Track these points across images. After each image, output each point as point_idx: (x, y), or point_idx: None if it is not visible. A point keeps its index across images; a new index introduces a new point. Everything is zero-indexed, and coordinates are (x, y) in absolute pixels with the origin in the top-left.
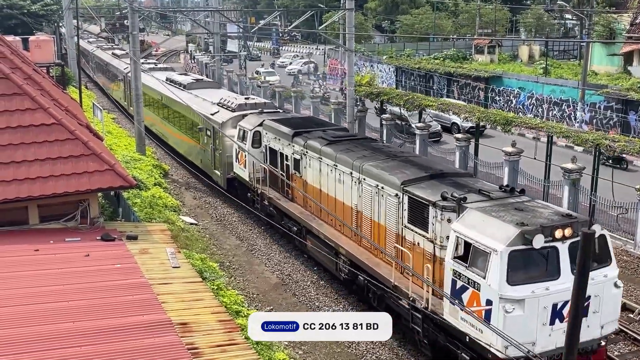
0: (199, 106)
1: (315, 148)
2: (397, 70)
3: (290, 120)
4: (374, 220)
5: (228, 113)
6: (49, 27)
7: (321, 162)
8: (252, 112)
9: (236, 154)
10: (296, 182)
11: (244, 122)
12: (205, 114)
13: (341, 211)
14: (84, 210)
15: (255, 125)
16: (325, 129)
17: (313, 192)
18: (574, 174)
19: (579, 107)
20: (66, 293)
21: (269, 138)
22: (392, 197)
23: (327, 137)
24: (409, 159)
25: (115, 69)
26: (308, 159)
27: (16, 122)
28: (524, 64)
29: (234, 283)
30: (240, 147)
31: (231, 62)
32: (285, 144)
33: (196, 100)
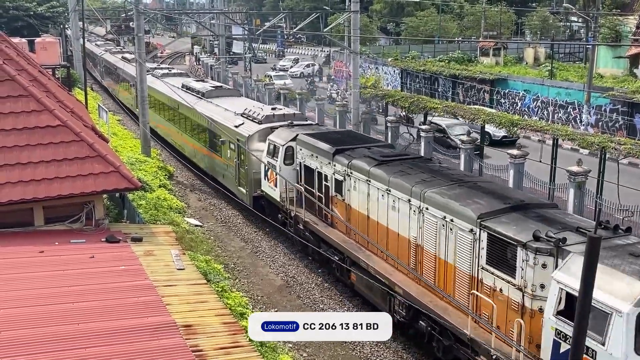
0: (220, 117)
1: (362, 169)
2: (402, 72)
3: (327, 135)
4: (440, 258)
5: (254, 125)
6: (54, 29)
7: (370, 185)
8: (281, 125)
9: (265, 170)
10: (338, 206)
11: (274, 136)
12: (229, 125)
13: (395, 243)
14: (89, 211)
15: (287, 140)
16: (369, 146)
17: (359, 218)
18: (580, 177)
19: (584, 109)
20: (71, 295)
21: (304, 155)
22: (465, 233)
23: (375, 157)
24: (478, 185)
25: (125, 74)
26: (353, 180)
27: (22, 124)
28: (530, 66)
29: (239, 285)
30: (269, 164)
31: (236, 64)
32: (325, 163)
33: (217, 110)
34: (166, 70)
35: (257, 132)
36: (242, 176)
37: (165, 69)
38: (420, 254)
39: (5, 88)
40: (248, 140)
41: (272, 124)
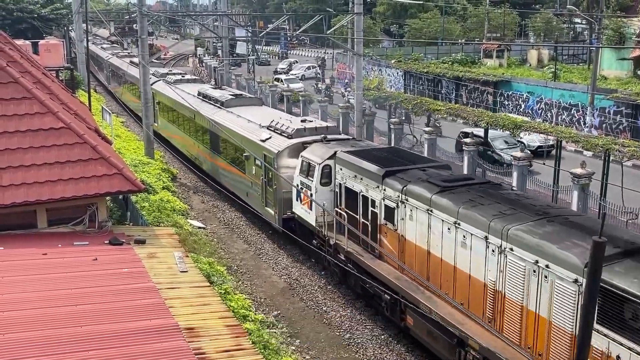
0: (244, 129)
1: (421, 196)
2: (405, 74)
3: (372, 153)
4: (529, 310)
5: (284, 140)
6: (58, 31)
7: (432, 216)
8: (314, 139)
9: (297, 190)
10: (388, 236)
11: (308, 153)
12: (254, 139)
13: (465, 286)
14: (92, 214)
15: (324, 159)
16: (423, 167)
17: (416, 253)
18: (583, 179)
19: (588, 111)
20: (74, 297)
21: (345, 175)
22: (566, 283)
23: (436, 182)
24: (571, 220)
25: (134, 79)
26: (409, 209)
27: (25, 126)
28: (533, 68)
29: (242, 287)
30: (303, 184)
31: (240, 66)
32: (372, 186)
33: (239, 121)
34: (179, 76)
35: (287, 147)
36: (270, 196)
37: (178, 75)
38: (501, 303)
39: (9, 90)
40: (277, 156)
41: (303, 139)
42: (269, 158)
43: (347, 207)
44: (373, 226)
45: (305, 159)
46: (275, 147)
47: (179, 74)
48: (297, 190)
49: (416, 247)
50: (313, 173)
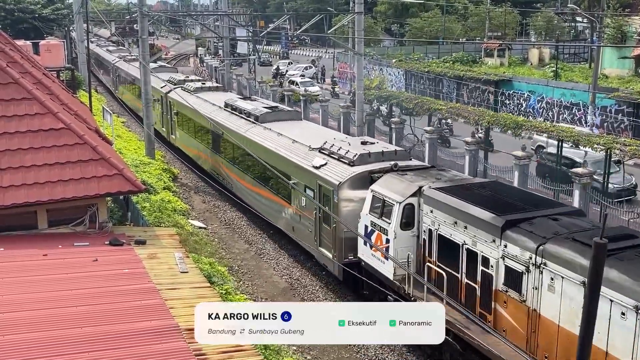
0: (288, 151)
1: (572, 263)
2: (406, 73)
3: (472, 190)
4: None
5: (344, 168)
6: (59, 31)
7: None
8: (383, 167)
9: (366, 232)
10: (510, 307)
11: (382, 187)
12: (305, 165)
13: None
14: (93, 214)
15: (406, 196)
16: (554, 215)
17: (561, 338)
18: (585, 178)
19: (589, 110)
20: (74, 298)
21: (439, 219)
22: None
23: (588, 241)
24: None
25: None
26: (548, 276)
27: (25, 127)
28: (534, 67)
29: (243, 287)
30: (375, 226)
31: (241, 65)
32: (484, 239)
33: (281, 141)
34: (199, 83)
35: (350, 178)
36: (327, 235)
37: (198, 82)
38: None
39: (9, 91)
40: (339, 189)
41: (369, 167)
42: (326, 189)
43: (442, 261)
44: (484, 291)
45: (379, 195)
46: (336, 177)
47: (199, 81)
48: (366, 230)
49: (560, 330)
50: (390, 213)
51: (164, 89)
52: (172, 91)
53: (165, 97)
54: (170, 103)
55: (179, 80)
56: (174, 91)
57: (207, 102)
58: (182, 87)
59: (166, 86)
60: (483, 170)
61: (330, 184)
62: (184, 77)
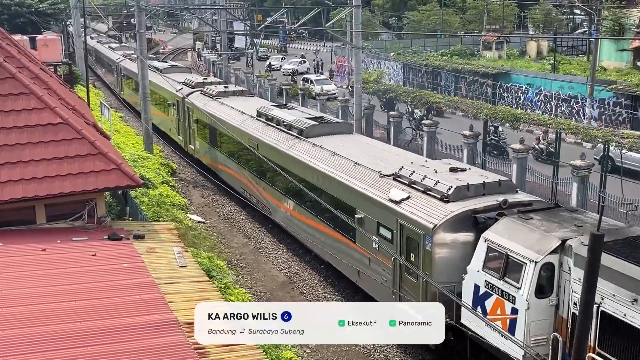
0: (352, 177)
1: None
2: (404, 67)
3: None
4: None
5: (438, 205)
6: (56, 25)
7: None
8: (490, 205)
9: (477, 293)
10: None
11: (500, 235)
12: (377, 197)
13: None
14: (91, 209)
15: (544, 253)
16: None
17: None
18: (583, 171)
19: (587, 103)
20: (73, 293)
21: (601, 291)
22: None
23: None
24: None
25: (159, 90)
26: None
27: (23, 122)
28: (532, 60)
29: (242, 281)
30: (492, 287)
31: (238, 59)
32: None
33: (340, 163)
34: (222, 87)
35: (447, 220)
36: (411, 289)
37: (219, 85)
38: None
39: (6, 86)
40: (433, 234)
41: (469, 203)
42: (413, 232)
43: (610, 349)
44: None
45: (499, 247)
46: (427, 218)
47: (220, 84)
48: (476, 292)
49: None
50: (520, 274)
51: (180, 93)
52: (190, 95)
53: (182, 102)
54: (189, 109)
55: (197, 83)
56: (192, 95)
57: (234, 109)
58: (202, 90)
59: (183, 89)
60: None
61: (419, 226)
62: (202, 79)
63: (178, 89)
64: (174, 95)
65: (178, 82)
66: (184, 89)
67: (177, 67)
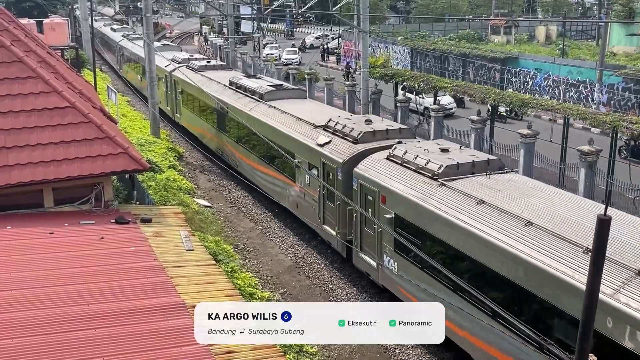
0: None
1: None
2: (412, 51)
3: None
4: None
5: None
6: (63, 9)
7: None
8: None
9: None
10: None
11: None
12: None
13: None
14: (98, 193)
15: None
16: None
17: None
18: (591, 157)
19: (596, 88)
20: (81, 276)
21: None
22: None
23: None
24: None
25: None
26: None
27: (30, 106)
28: (541, 44)
29: (248, 265)
30: None
31: (245, 44)
32: None
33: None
34: (204, 62)
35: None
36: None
37: (202, 60)
38: None
39: (14, 69)
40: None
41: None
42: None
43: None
44: None
45: None
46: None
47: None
48: None
49: None
50: None
51: (167, 68)
52: (176, 70)
53: (170, 75)
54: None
55: (183, 59)
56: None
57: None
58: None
59: (170, 65)
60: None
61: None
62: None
63: (166, 64)
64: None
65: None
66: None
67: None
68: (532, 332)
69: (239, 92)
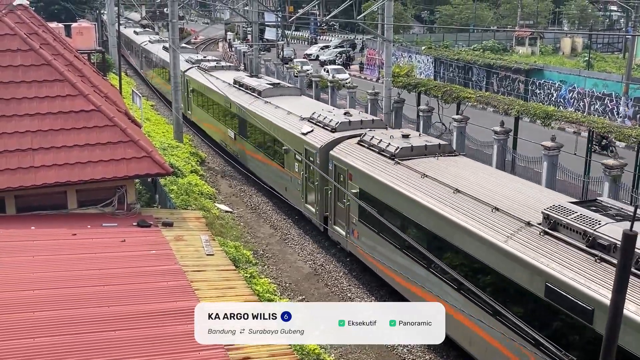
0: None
1: None
2: (435, 61)
3: None
4: None
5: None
6: (90, 14)
7: None
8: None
9: None
10: None
11: None
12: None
13: None
14: (121, 196)
15: None
16: None
17: None
18: (615, 170)
19: (622, 101)
20: (102, 277)
21: None
22: None
23: None
24: None
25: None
26: None
27: (57, 108)
28: (566, 56)
29: (267, 272)
30: None
31: (269, 51)
32: None
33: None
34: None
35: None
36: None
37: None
38: None
39: (42, 72)
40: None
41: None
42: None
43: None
44: None
45: None
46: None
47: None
48: None
49: None
50: None
51: (182, 68)
52: (188, 70)
53: (183, 75)
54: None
55: (195, 60)
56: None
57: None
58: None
59: (184, 65)
60: None
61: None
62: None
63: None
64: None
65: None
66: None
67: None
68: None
69: (241, 89)
